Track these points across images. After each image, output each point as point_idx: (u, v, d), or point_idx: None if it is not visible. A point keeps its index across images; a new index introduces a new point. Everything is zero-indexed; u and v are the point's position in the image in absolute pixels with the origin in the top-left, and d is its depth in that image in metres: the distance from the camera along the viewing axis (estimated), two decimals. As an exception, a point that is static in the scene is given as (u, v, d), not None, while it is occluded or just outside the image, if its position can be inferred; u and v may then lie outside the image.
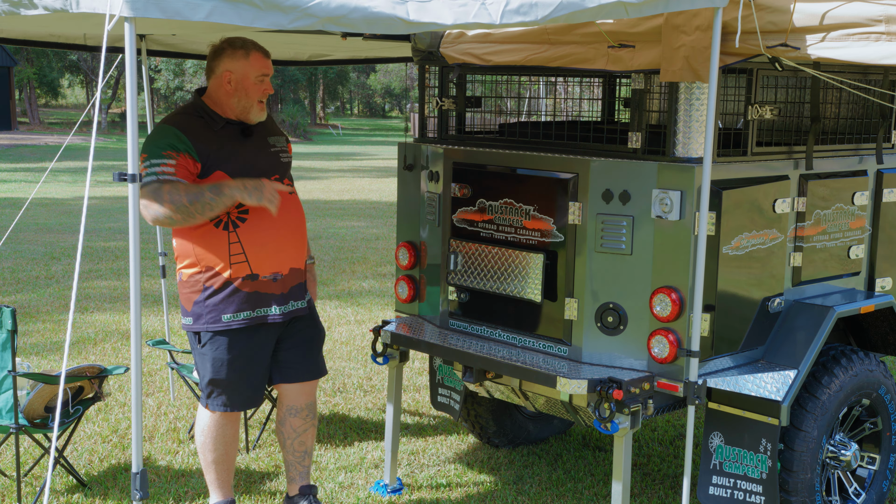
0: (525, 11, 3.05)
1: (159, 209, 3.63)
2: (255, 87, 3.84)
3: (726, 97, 4.53)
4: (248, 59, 3.82)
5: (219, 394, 3.94)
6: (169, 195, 3.63)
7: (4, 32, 4.99)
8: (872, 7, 3.50)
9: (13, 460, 4.72)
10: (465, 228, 4.26)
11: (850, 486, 4.21)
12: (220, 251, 3.81)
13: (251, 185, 3.72)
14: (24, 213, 13.87)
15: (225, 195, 3.69)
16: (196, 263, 3.83)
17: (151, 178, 3.67)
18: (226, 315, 3.84)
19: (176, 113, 3.89)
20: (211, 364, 3.89)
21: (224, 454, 4.03)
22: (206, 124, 3.83)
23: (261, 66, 3.85)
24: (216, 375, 3.90)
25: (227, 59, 3.82)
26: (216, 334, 3.86)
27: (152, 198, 3.64)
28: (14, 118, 39.78)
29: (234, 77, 3.82)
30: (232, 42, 3.85)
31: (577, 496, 4.73)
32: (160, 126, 3.80)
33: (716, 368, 3.83)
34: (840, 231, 4.28)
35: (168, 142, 3.72)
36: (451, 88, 4.49)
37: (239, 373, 3.92)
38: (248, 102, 3.85)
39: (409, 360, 5.15)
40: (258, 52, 3.86)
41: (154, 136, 3.78)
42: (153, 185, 3.65)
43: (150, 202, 3.64)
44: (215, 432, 3.99)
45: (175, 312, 8.39)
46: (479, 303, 4.26)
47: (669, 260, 3.67)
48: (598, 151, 3.89)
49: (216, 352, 3.88)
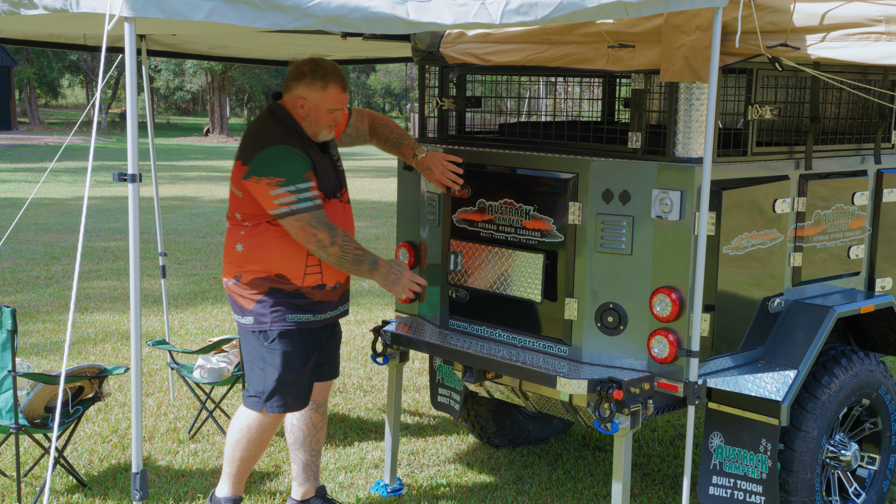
0: (525, 11, 3.05)
1: (326, 245, 3.74)
2: (327, 117, 3.85)
3: (726, 97, 4.54)
4: (324, 93, 3.81)
5: (283, 393, 3.92)
6: (342, 240, 3.76)
7: (4, 32, 4.99)
8: (872, 7, 3.50)
9: (13, 460, 4.72)
10: (465, 228, 4.26)
11: (850, 486, 4.21)
12: (297, 262, 3.84)
13: (394, 275, 3.92)
14: (24, 213, 13.87)
15: (373, 273, 3.88)
16: (267, 269, 3.84)
17: (308, 204, 3.71)
18: (290, 315, 3.88)
19: (282, 131, 3.82)
20: (281, 359, 3.89)
21: (254, 455, 4.05)
22: (301, 141, 3.83)
23: (336, 101, 3.84)
24: (286, 372, 3.90)
25: (305, 86, 3.80)
26: (285, 331, 3.88)
27: (325, 230, 3.73)
28: (14, 118, 39.78)
29: (308, 105, 3.82)
30: (314, 69, 3.81)
31: (577, 496, 4.73)
32: (279, 147, 3.74)
33: (716, 368, 3.83)
34: (840, 231, 4.28)
35: (303, 162, 3.75)
36: (451, 88, 4.49)
37: (304, 369, 3.97)
38: (318, 129, 3.87)
39: (409, 360, 5.14)
40: (337, 87, 3.83)
41: (281, 158, 3.73)
42: (315, 212, 3.72)
43: (320, 233, 3.72)
44: (260, 434, 3.99)
45: (175, 312, 8.39)
46: (479, 303, 4.26)
47: (669, 260, 3.67)
48: (598, 151, 3.89)
49: (287, 347, 3.89)
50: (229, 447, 4.05)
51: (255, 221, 3.83)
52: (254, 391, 3.97)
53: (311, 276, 3.88)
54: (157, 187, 5.99)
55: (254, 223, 3.84)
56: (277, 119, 3.84)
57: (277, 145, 3.75)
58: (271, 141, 3.77)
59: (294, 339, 3.91)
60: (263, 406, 3.94)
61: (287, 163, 3.73)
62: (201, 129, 43.06)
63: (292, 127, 3.83)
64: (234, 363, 5.46)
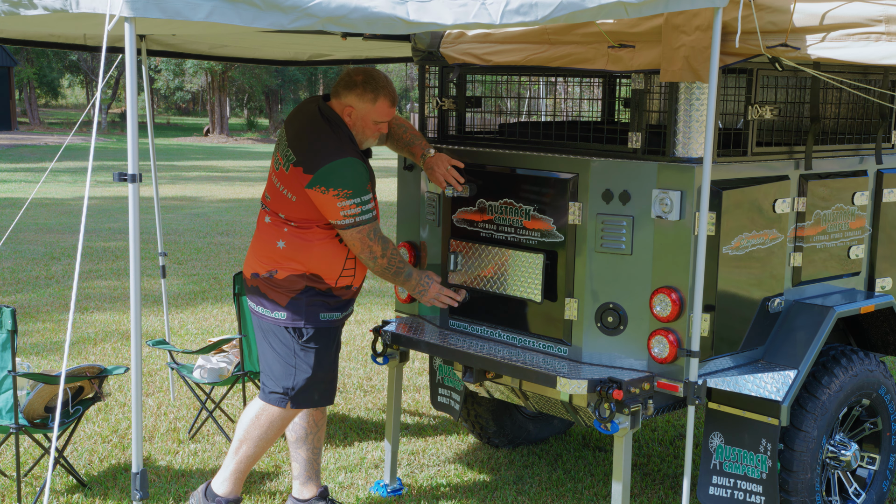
0: (525, 11, 3.05)
1: (377, 257, 3.91)
2: (373, 127, 3.94)
3: (726, 97, 4.54)
4: (374, 105, 3.89)
5: (313, 389, 3.98)
6: (391, 253, 3.94)
7: (4, 32, 4.99)
8: (872, 7, 3.50)
9: (13, 460, 4.72)
10: (465, 228, 4.26)
11: (850, 486, 4.21)
12: (335, 264, 3.92)
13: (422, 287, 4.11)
14: (24, 213, 13.87)
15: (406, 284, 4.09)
16: (303, 268, 3.90)
17: (369, 216, 3.85)
18: (323, 313, 3.96)
19: (341, 141, 3.87)
20: (316, 357, 3.96)
21: (261, 451, 4.09)
22: (358, 150, 3.92)
23: (385, 114, 3.93)
24: (320, 369, 3.97)
25: (356, 97, 3.88)
26: (320, 329, 3.95)
27: (379, 243, 3.89)
28: (14, 118, 39.78)
29: (356, 115, 3.90)
30: (367, 81, 3.88)
31: (577, 496, 4.73)
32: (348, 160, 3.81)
33: (716, 368, 3.83)
34: (840, 231, 4.28)
35: (365, 175, 3.85)
36: (451, 88, 4.49)
37: (335, 365, 4.08)
38: (363, 138, 3.95)
39: (409, 360, 5.15)
40: (386, 101, 3.92)
41: (350, 172, 3.81)
42: (374, 224, 3.87)
43: (375, 245, 3.88)
44: (276, 430, 4.03)
45: (175, 312, 8.39)
46: (479, 303, 4.26)
47: (669, 260, 3.67)
48: (598, 151, 3.89)
49: (321, 344, 3.96)
50: (240, 442, 4.05)
51: (303, 224, 3.89)
52: (279, 387, 3.97)
53: (345, 278, 3.97)
54: (157, 187, 5.99)
55: (301, 224, 3.89)
56: (335, 126, 3.89)
57: (345, 158, 3.81)
58: (338, 153, 3.82)
59: (327, 336, 3.99)
60: (289, 402, 3.97)
61: (354, 176, 3.80)
62: (201, 129, 43.06)
63: (349, 135, 3.90)
64: (234, 363, 5.46)
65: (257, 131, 44.98)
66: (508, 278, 4.11)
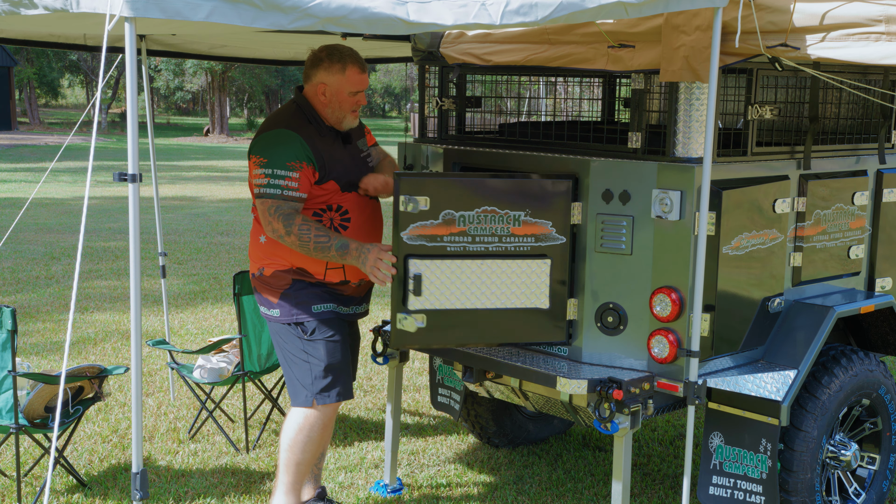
0: (525, 12, 3.05)
1: (282, 235, 3.70)
2: (349, 100, 3.87)
3: (726, 97, 4.54)
4: (343, 75, 3.83)
5: (333, 382, 3.89)
6: (299, 229, 3.67)
7: (4, 32, 4.99)
8: (872, 7, 3.50)
9: (13, 460, 4.72)
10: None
11: (850, 486, 4.21)
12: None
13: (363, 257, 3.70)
14: (24, 213, 13.87)
15: (344, 258, 3.72)
16: (289, 262, 3.85)
17: (275, 191, 3.70)
18: (315, 305, 3.87)
19: (289, 115, 3.85)
20: (325, 349, 3.88)
21: (312, 455, 3.97)
22: (317, 130, 3.85)
23: (356, 82, 3.86)
24: (332, 360, 3.89)
25: (323, 71, 3.84)
26: (321, 321, 3.88)
27: (280, 219, 3.68)
28: (14, 118, 39.78)
29: (329, 90, 3.84)
30: (330, 54, 3.84)
31: (577, 496, 4.73)
32: (281, 131, 3.77)
33: (716, 368, 3.83)
34: (840, 231, 4.28)
35: (293, 151, 3.73)
36: (451, 88, 4.49)
37: (347, 356, 3.98)
38: (342, 114, 3.89)
39: (409, 360, 5.15)
40: (355, 67, 3.85)
41: (274, 141, 3.75)
42: (278, 201, 3.69)
43: (275, 222, 3.69)
44: (318, 430, 3.92)
45: (175, 312, 8.39)
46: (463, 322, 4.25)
47: (669, 260, 3.67)
48: (598, 151, 3.89)
49: (327, 335, 3.89)
50: (287, 452, 3.93)
51: None
52: (301, 386, 3.90)
53: (333, 270, 3.88)
54: (157, 187, 5.99)
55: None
56: (296, 107, 3.87)
57: (278, 129, 3.78)
58: (275, 124, 3.81)
59: (332, 326, 3.91)
60: (314, 399, 3.88)
61: (277, 147, 3.73)
62: (201, 129, 43.05)
63: (310, 116, 3.85)
64: (234, 363, 5.46)
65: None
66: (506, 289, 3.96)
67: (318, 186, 3.81)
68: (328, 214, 3.86)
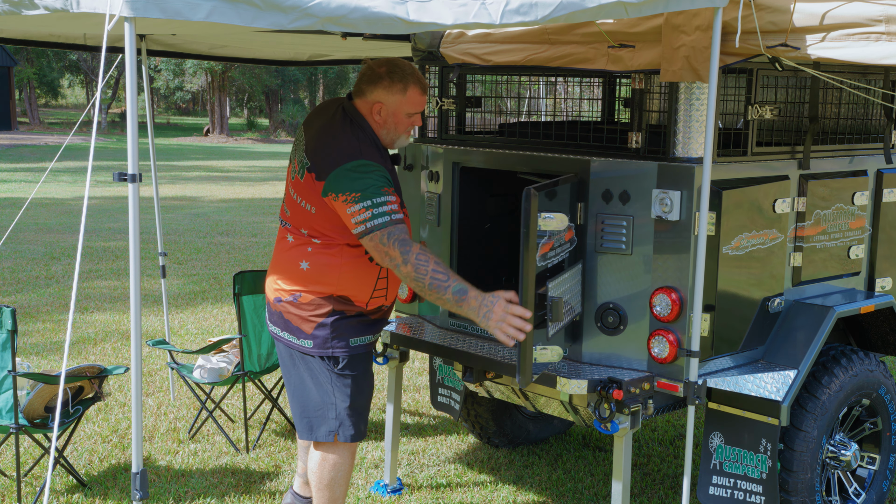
0: (525, 11, 3.05)
1: (399, 264, 3.38)
2: (406, 121, 3.63)
3: (726, 97, 4.53)
4: (404, 96, 3.58)
5: (356, 421, 3.67)
6: (416, 259, 3.34)
7: (4, 32, 4.99)
8: (872, 7, 3.50)
9: (13, 460, 4.72)
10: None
11: (850, 486, 4.21)
12: (366, 284, 3.60)
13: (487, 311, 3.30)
14: (24, 213, 13.87)
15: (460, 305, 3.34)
16: (331, 290, 3.56)
17: (383, 220, 3.38)
18: (353, 339, 3.63)
19: (363, 143, 3.54)
20: (354, 384, 3.64)
21: (347, 485, 3.80)
22: (380, 152, 3.59)
23: (417, 103, 3.62)
24: (358, 397, 3.66)
25: (382, 90, 3.58)
26: (355, 355, 3.64)
27: (396, 245, 3.37)
28: (14, 118, 39.77)
29: (386, 110, 3.59)
30: (392, 71, 3.59)
31: (577, 496, 4.73)
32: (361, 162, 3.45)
33: (716, 368, 3.83)
34: (840, 231, 4.28)
35: (381, 178, 3.45)
36: (451, 88, 4.49)
37: (371, 393, 3.76)
38: (396, 135, 3.65)
39: (409, 360, 5.15)
40: (416, 89, 3.61)
41: (360, 174, 3.44)
42: (389, 227, 3.38)
43: (391, 250, 3.37)
44: (348, 465, 3.73)
45: (175, 312, 8.39)
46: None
47: (669, 260, 3.67)
48: (598, 151, 3.88)
49: (358, 370, 3.66)
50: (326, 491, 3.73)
51: (329, 241, 3.56)
52: (321, 421, 3.68)
53: (377, 298, 3.66)
54: (157, 187, 5.99)
55: (326, 242, 3.56)
56: (356, 128, 3.58)
57: (358, 160, 3.47)
58: (351, 155, 3.48)
59: (362, 361, 3.69)
60: (338, 434, 3.65)
61: (365, 178, 3.44)
62: (201, 129, 43.05)
63: (371, 137, 3.58)
64: (234, 363, 5.46)
65: (257, 131, 44.98)
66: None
67: None
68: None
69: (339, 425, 3.65)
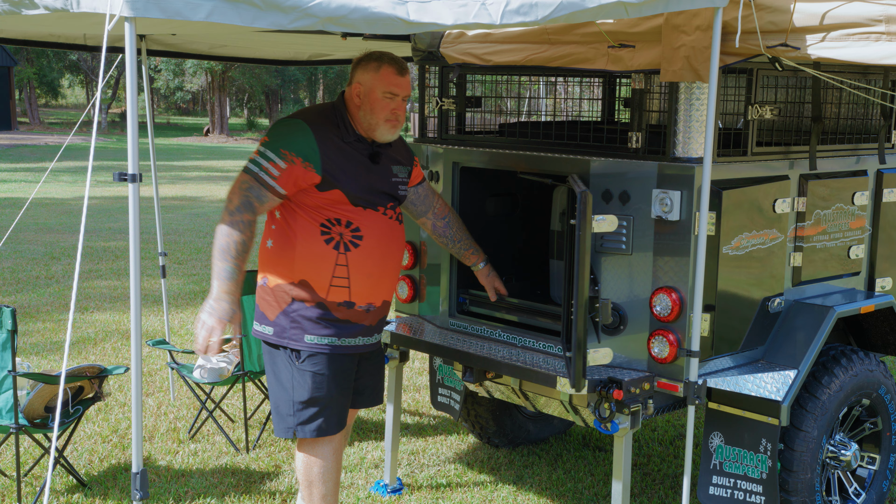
0: (525, 11, 3.05)
1: (225, 209, 3.46)
2: (382, 103, 3.60)
3: (726, 97, 4.53)
4: (377, 73, 3.59)
5: (314, 415, 3.64)
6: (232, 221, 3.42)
7: (4, 32, 4.99)
8: (872, 7, 3.50)
9: (13, 460, 4.72)
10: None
11: (850, 486, 4.21)
12: (323, 270, 3.56)
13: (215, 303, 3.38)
14: (24, 213, 13.87)
15: (214, 283, 3.42)
16: (291, 274, 3.58)
17: (255, 168, 3.49)
18: (309, 336, 3.60)
19: (317, 113, 3.65)
20: (313, 381, 3.61)
21: (335, 485, 3.77)
22: (340, 135, 3.60)
23: (390, 82, 3.60)
24: (316, 393, 3.62)
25: (360, 70, 3.63)
26: (318, 353, 3.61)
27: (239, 198, 3.46)
28: (14, 118, 39.77)
29: (363, 90, 3.61)
30: (370, 54, 3.65)
31: (577, 496, 4.73)
32: (297, 122, 3.57)
33: (716, 368, 3.83)
34: (840, 231, 4.28)
35: (295, 143, 3.51)
36: (451, 88, 4.49)
37: (336, 392, 3.68)
38: (374, 120, 3.62)
39: (409, 360, 5.15)
40: (391, 68, 3.61)
41: (286, 129, 3.57)
42: (252, 181, 3.48)
43: (235, 198, 3.46)
44: (323, 464, 3.72)
45: (175, 312, 8.39)
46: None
47: (669, 260, 3.66)
48: (598, 151, 3.88)
49: (318, 369, 3.62)
50: (304, 490, 3.76)
51: (284, 213, 3.61)
52: (280, 416, 3.68)
53: (337, 289, 3.58)
54: (157, 187, 5.99)
55: (283, 215, 3.61)
56: (331, 107, 3.67)
57: (297, 119, 3.58)
58: (300, 115, 3.62)
59: (326, 359, 3.63)
60: (297, 431, 3.65)
61: (284, 133, 3.55)
62: (201, 129, 43.05)
63: (339, 119, 3.62)
64: (234, 363, 5.46)
65: (257, 131, 44.96)
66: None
67: (321, 194, 3.54)
68: (337, 229, 3.57)
69: (296, 422, 3.64)
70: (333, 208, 3.57)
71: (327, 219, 3.57)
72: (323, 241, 3.57)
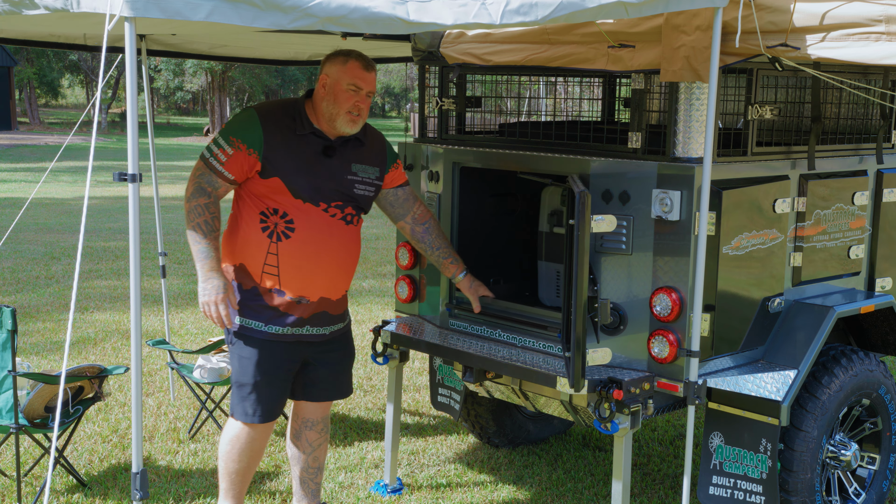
0: (525, 11, 3.05)
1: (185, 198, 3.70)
2: (345, 95, 3.69)
3: (726, 97, 4.53)
4: (344, 66, 3.71)
5: (241, 399, 3.79)
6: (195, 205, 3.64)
7: (4, 32, 4.99)
8: (872, 7, 3.50)
9: (13, 460, 4.72)
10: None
11: (850, 486, 4.21)
12: (256, 255, 3.72)
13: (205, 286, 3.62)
14: (24, 213, 13.87)
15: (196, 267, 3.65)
16: (233, 257, 3.78)
17: (207, 155, 3.68)
18: (240, 318, 3.74)
19: (274, 104, 3.81)
20: (240, 364, 3.79)
21: (247, 466, 3.91)
22: (291, 126, 3.72)
23: (355, 75, 3.71)
24: (241, 378, 3.78)
25: (328, 63, 3.76)
26: (239, 335, 3.77)
27: (194, 184, 3.66)
28: (14, 118, 39.76)
29: (329, 81, 3.72)
30: (339, 50, 3.78)
31: (577, 496, 4.73)
32: (249, 111, 3.74)
33: (716, 368, 3.83)
34: (840, 231, 4.28)
35: (242, 130, 3.67)
36: (451, 88, 4.49)
37: (262, 380, 3.78)
38: (336, 110, 3.71)
39: (409, 360, 5.15)
40: (357, 62, 3.73)
41: (237, 118, 3.75)
42: (206, 167, 3.67)
43: (191, 185, 3.68)
44: (248, 443, 3.85)
45: (175, 312, 8.40)
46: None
47: (669, 260, 3.66)
48: (598, 151, 3.88)
49: (242, 352, 3.77)
50: (221, 461, 3.92)
51: (238, 198, 3.78)
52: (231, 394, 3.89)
53: (267, 275, 3.71)
54: (157, 187, 5.99)
55: (236, 198, 3.79)
56: (292, 100, 3.80)
57: (251, 109, 3.74)
58: (252, 106, 3.78)
59: (253, 343, 3.76)
60: (232, 412, 3.85)
61: (235, 122, 3.72)
62: (201, 129, 43.04)
63: (296, 111, 3.74)
64: (234, 363, 5.46)
65: (257, 131, 44.93)
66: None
67: (263, 181, 3.66)
68: (273, 218, 3.68)
69: (234, 401, 3.84)
70: (274, 197, 3.69)
71: (267, 207, 3.71)
72: (260, 229, 3.71)
